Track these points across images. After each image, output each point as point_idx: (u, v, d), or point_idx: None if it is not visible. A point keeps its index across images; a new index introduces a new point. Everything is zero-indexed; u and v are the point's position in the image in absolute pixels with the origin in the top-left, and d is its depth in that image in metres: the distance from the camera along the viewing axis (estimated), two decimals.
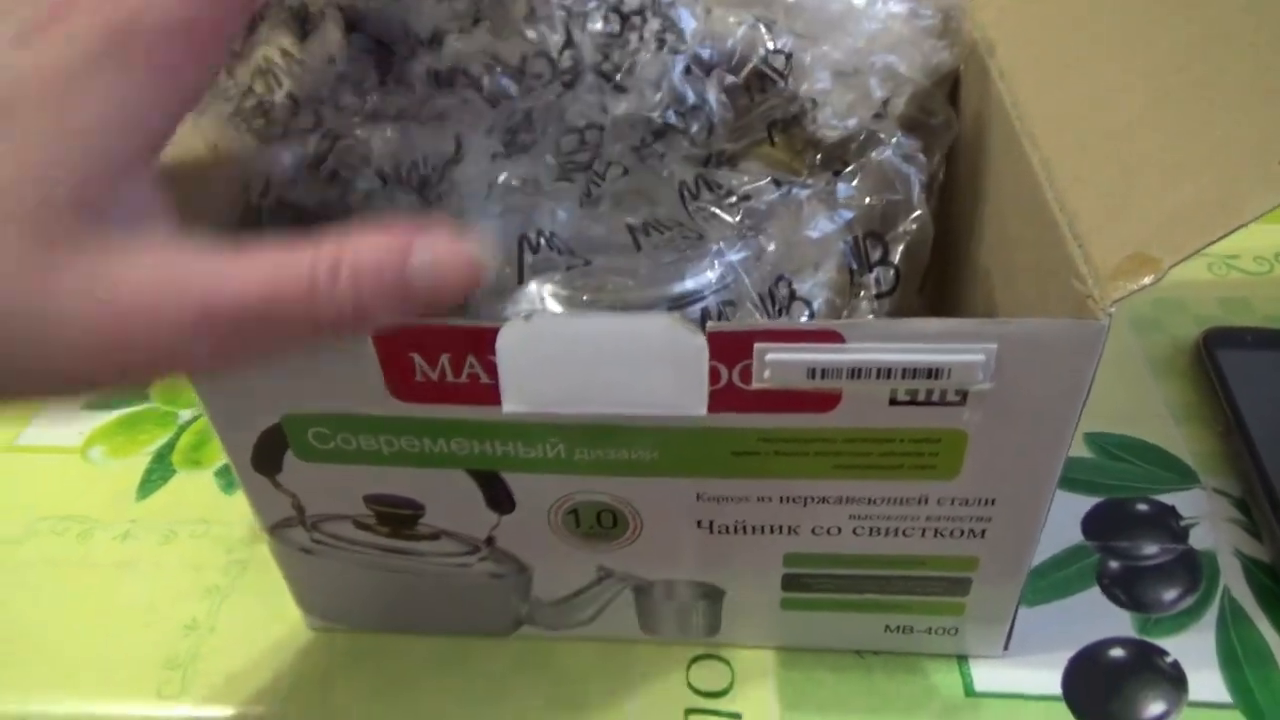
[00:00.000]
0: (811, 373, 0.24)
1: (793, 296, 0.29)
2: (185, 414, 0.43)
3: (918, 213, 0.29)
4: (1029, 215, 0.28)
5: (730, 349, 0.23)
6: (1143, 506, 0.36)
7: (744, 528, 0.28)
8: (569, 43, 0.27)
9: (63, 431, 0.42)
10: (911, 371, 0.23)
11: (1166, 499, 0.36)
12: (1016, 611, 0.30)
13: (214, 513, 0.38)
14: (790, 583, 0.30)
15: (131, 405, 0.44)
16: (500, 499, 0.28)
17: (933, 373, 0.23)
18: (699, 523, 0.28)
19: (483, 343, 0.24)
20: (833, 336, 0.23)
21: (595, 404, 0.23)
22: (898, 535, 0.28)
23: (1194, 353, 0.41)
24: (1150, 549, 0.35)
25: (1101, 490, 0.37)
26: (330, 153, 0.29)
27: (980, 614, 0.30)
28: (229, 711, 0.32)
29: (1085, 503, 0.36)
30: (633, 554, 0.29)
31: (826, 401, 0.25)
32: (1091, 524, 0.36)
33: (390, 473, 0.28)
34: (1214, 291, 0.45)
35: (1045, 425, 0.25)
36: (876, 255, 0.29)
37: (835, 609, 0.31)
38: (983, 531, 0.28)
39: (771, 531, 0.28)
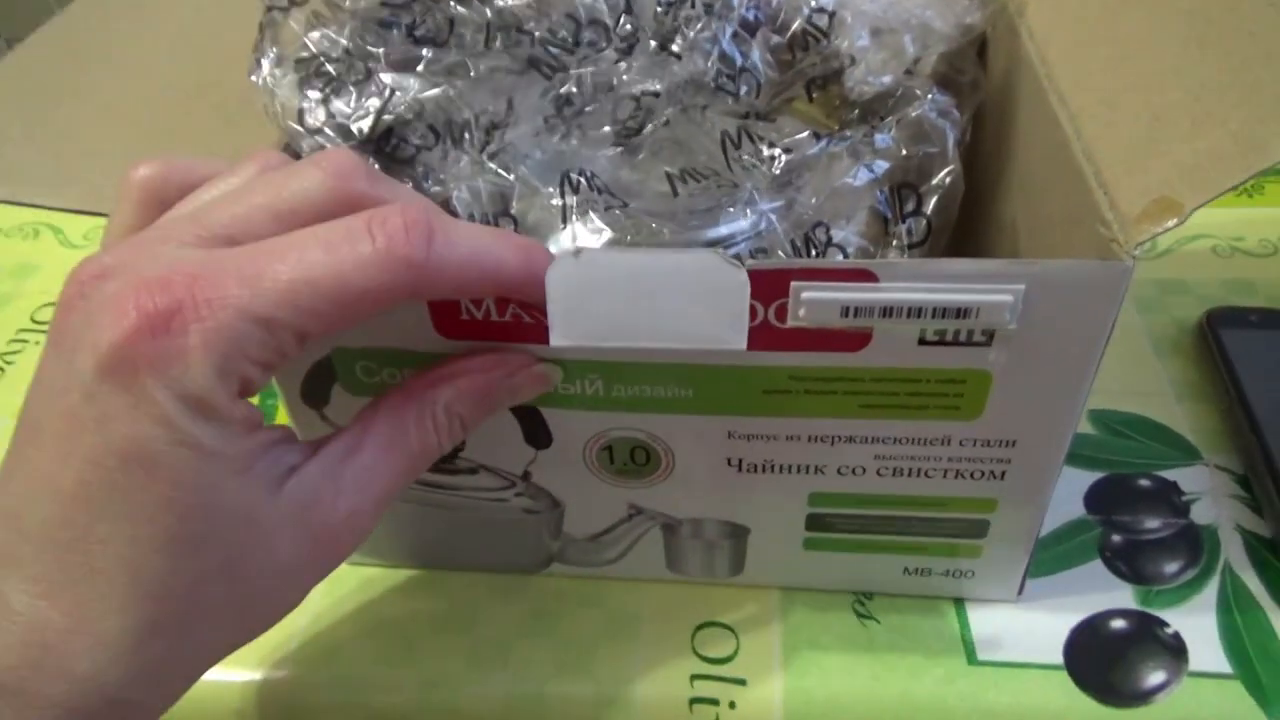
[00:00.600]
0: (845, 311, 0.25)
1: (829, 242, 0.30)
2: None
3: (951, 166, 0.30)
4: (1056, 167, 0.28)
5: (767, 286, 0.24)
6: (1145, 482, 0.37)
7: (772, 466, 0.29)
8: (628, 8, 0.28)
9: None
10: (941, 311, 0.24)
11: (1169, 475, 0.37)
12: (1032, 556, 0.32)
13: None
14: (814, 522, 0.31)
15: None
16: (538, 434, 0.29)
17: (961, 312, 0.24)
18: (728, 460, 0.29)
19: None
20: (867, 275, 0.24)
21: (641, 338, 0.24)
22: (920, 476, 0.29)
23: (1197, 332, 0.42)
24: (1152, 523, 0.35)
25: (1104, 466, 0.37)
26: (383, 110, 0.30)
27: (996, 557, 0.32)
28: None
29: (1088, 478, 0.37)
30: (663, 492, 0.30)
31: (857, 341, 0.26)
32: (1094, 499, 0.36)
33: None
34: (1218, 273, 0.45)
35: (1067, 367, 0.26)
36: (910, 206, 0.30)
37: (856, 550, 0.32)
38: (1003, 473, 0.29)
39: (798, 471, 0.29)
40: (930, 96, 0.31)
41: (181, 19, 0.35)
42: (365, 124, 0.30)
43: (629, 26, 0.29)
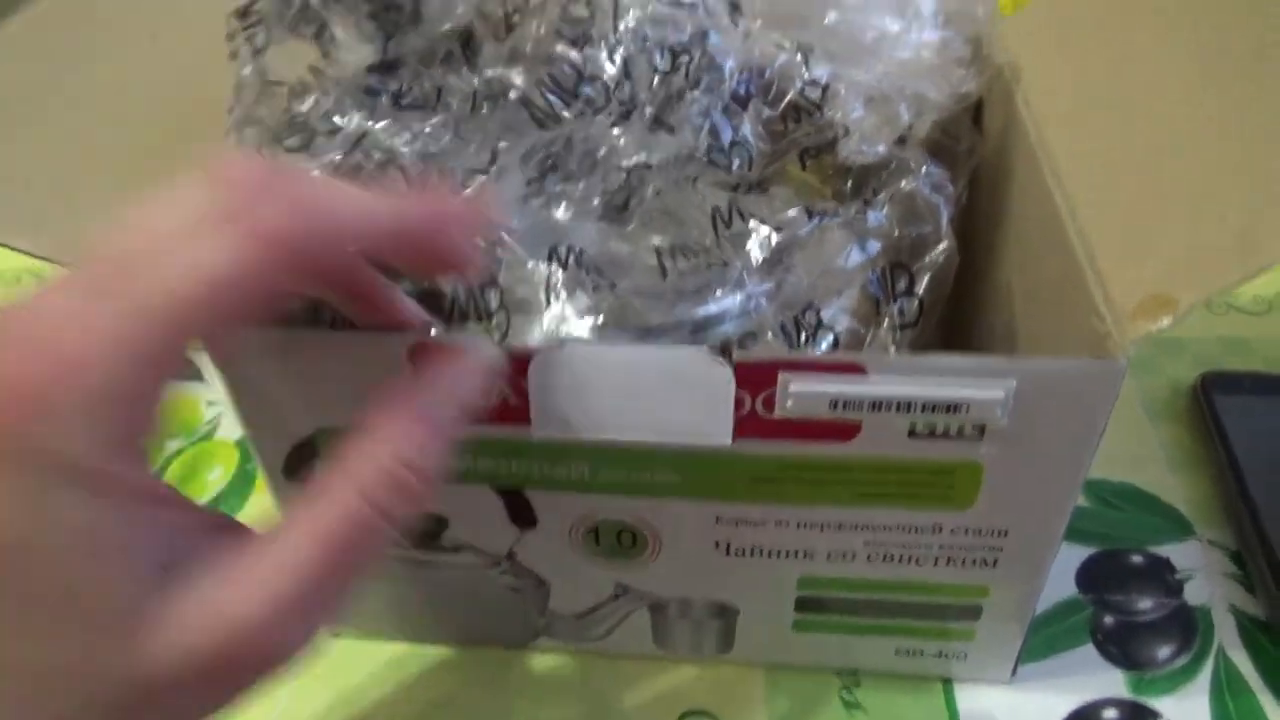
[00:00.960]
0: (834, 404, 0.24)
1: (819, 325, 0.29)
2: (172, 445, 0.43)
3: (944, 244, 0.30)
4: (1050, 245, 0.28)
5: (755, 378, 0.24)
6: (1137, 558, 0.36)
7: (760, 550, 0.29)
8: (627, 75, 0.28)
9: None
10: (931, 406, 0.24)
11: (1161, 551, 0.36)
12: (1026, 639, 0.31)
13: None
14: (803, 604, 0.30)
15: None
16: (523, 515, 0.29)
17: (952, 408, 0.24)
18: (716, 544, 0.29)
19: (515, 365, 0.24)
20: (855, 368, 0.24)
21: (624, 431, 0.23)
22: (911, 562, 0.29)
23: (1191, 396, 0.41)
24: (1144, 603, 0.34)
25: (1096, 540, 0.36)
26: (356, 150, 0.30)
27: (990, 639, 0.31)
28: None
29: (1080, 553, 0.36)
30: (650, 573, 0.30)
31: (846, 431, 0.25)
32: (1086, 576, 0.35)
33: None
34: (1213, 331, 0.44)
35: (1060, 460, 0.25)
36: (902, 286, 0.29)
37: (846, 631, 0.31)
38: (995, 560, 0.28)
39: (787, 555, 0.29)
40: (924, 170, 0.31)
41: (148, 41, 0.34)
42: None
43: (627, 92, 0.29)
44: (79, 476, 0.18)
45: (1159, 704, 0.32)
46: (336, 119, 0.30)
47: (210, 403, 0.46)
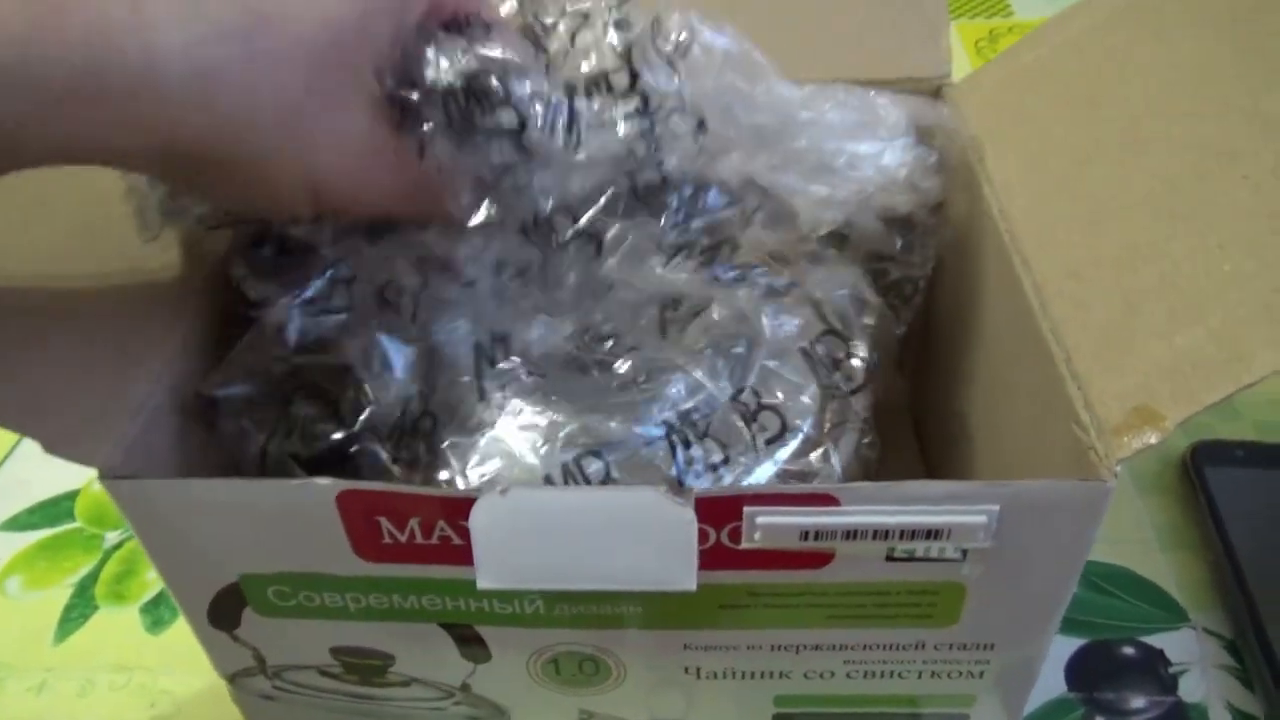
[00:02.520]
0: (805, 535, 0.22)
1: (760, 407, 0.27)
2: (111, 536, 0.40)
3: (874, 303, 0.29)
4: (1022, 338, 0.27)
5: (718, 512, 0.22)
6: (1129, 650, 0.34)
7: (733, 673, 0.27)
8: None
9: None
10: (910, 532, 0.22)
11: (1155, 641, 0.34)
12: None
13: (137, 657, 0.35)
14: None
15: (55, 526, 0.41)
16: (475, 651, 0.27)
17: (932, 533, 0.22)
18: (686, 669, 0.27)
19: (455, 510, 0.22)
20: (827, 500, 0.22)
21: (577, 580, 0.21)
22: (894, 677, 0.27)
23: (1181, 468, 0.39)
24: (1138, 701, 0.32)
25: (1086, 630, 0.34)
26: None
27: None
28: None
29: (1069, 645, 0.34)
30: (617, 698, 0.28)
31: (819, 559, 0.23)
32: (1075, 671, 0.33)
33: (357, 626, 0.26)
34: None
35: (1046, 576, 0.24)
36: (840, 354, 0.28)
37: None
38: (981, 673, 0.27)
39: (762, 676, 0.27)
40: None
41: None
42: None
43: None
44: None
45: None
46: None
47: None
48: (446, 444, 0.26)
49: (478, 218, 0.26)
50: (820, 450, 0.27)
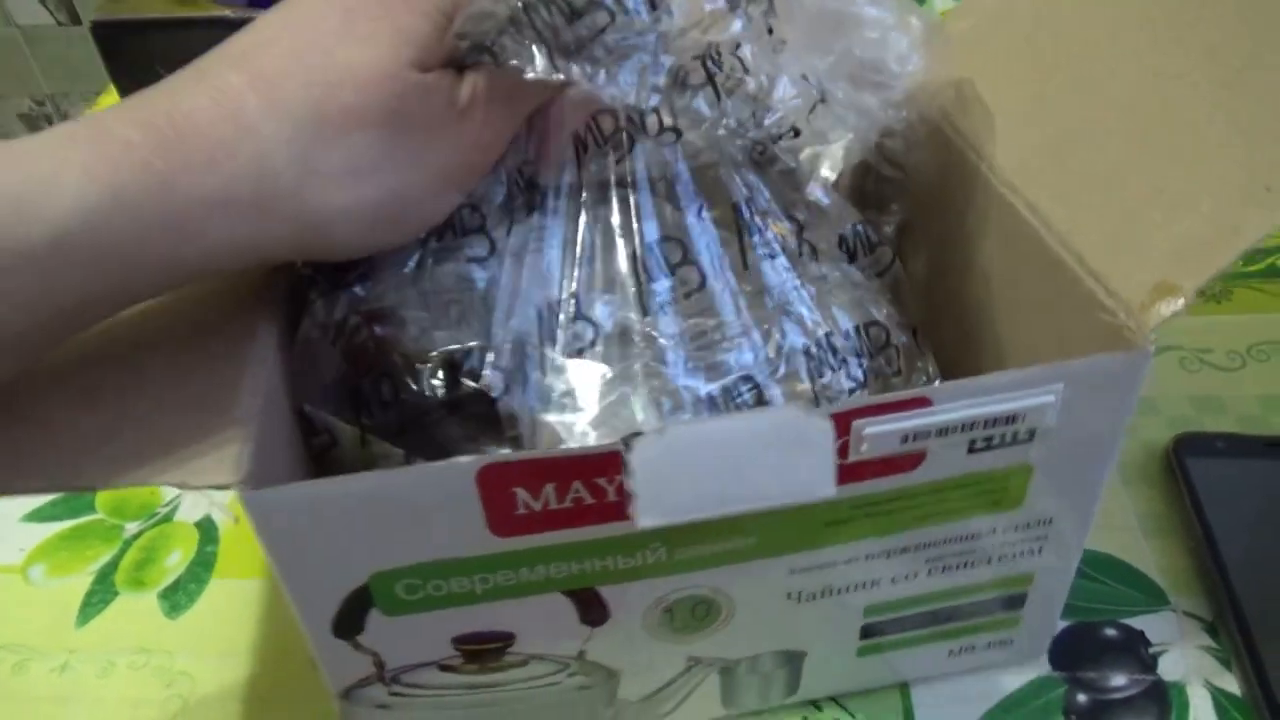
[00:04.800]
0: (905, 438, 0.25)
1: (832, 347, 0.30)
2: (131, 526, 0.42)
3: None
4: (1023, 256, 0.30)
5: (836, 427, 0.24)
6: (1111, 631, 0.35)
7: (830, 591, 0.29)
8: None
9: (3, 548, 0.41)
10: (991, 421, 0.25)
11: (1136, 623, 0.35)
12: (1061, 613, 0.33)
13: (155, 640, 0.38)
14: (868, 631, 0.31)
15: (77, 517, 0.43)
16: (595, 614, 0.28)
17: (1009, 419, 0.25)
18: (788, 595, 0.29)
19: (598, 467, 0.24)
20: (922, 402, 0.25)
21: (731, 504, 0.23)
22: (968, 567, 0.30)
23: (1164, 459, 0.40)
24: (1118, 680, 0.34)
25: (1069, 612, 0.35)
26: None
27: (1032, 622, 0.33)
28: None
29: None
30: (723, 639, 0.30)
31: (912, 461, 0.26)
32: (1059, 651, 0.35)
33: (480, 610, 0.27)
34: (1186, 389, 0.43)
35: (1097, 446, 0.27)
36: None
37: (906, 646, 0.32)
38: (1040, 549, 0.30)
39: (855, 589, 0.29)
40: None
41: None
42: None
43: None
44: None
45: None
46: None
47: None
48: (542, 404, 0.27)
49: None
50: None
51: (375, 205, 0.26)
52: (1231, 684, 0.33)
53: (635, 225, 0.29)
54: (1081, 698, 0.33)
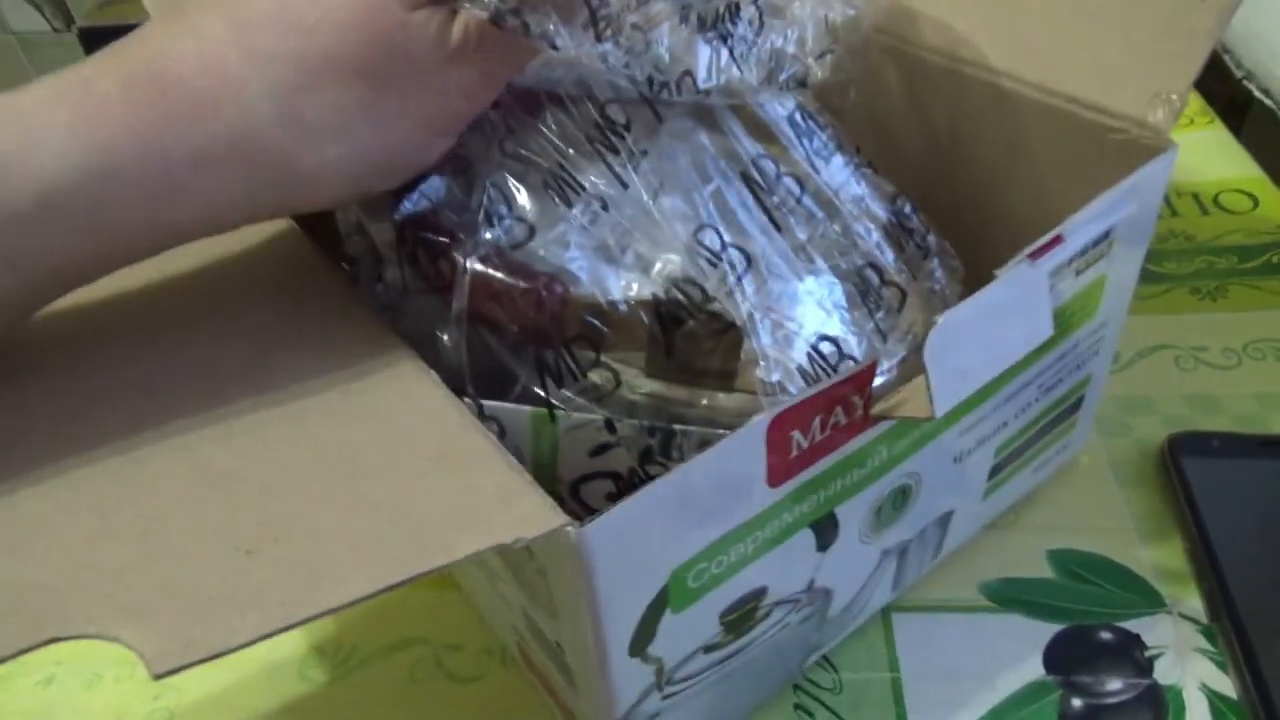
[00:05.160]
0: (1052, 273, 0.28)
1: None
2: None
3: None
4: (1017, 120, 0.34)
5: None
6: (1106, 635, 0.35)
7: (982, 442, 0.32)
8: None
9: None
10: (1095, 241, 0.29)
11: (1131, 625, 0.35)
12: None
13: None
14: (994, 472, 0.35)
15: None
16: (828, 535, 0.29)
17: (1105, 234, 0.30)
18: (955, 459, 0.32)
19: (854, 385, 0.25)
20: (1057, 240, 0.28)
21: (993, 369, 0.25)
22: (1061, 384, 0.34)
23: (1159, 459, 0.40)
24: (1114, 684, 0.33)
25: (1064, 616, 0.35)
26: None
27: (1082, 422, 0.38)
28: None
29: (1047, 630, 0.35)
30: (908, 522, 0.32)
31: None
32: (1053, 655, 0.34)
33: (742, 575, 0.27)
34: (1181, 388, 0.43)
35: (1137, 245, 0.33)
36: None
37: (1010, 476, 0.36)
38: (1098, 351, 0.35)
39: (994, 434, 0.33)
40: None
41: None
42: None
43: None
44: None
45: None
46: None
47: None
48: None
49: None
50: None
51: (362, 158, 0.26)
52: (1228, 687, 0.33)
53: (737, 148, 0.29)
54: (1077, 702, 0.33)
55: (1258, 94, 0.61)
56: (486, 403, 0.27)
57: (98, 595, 0.20)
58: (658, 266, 0.27)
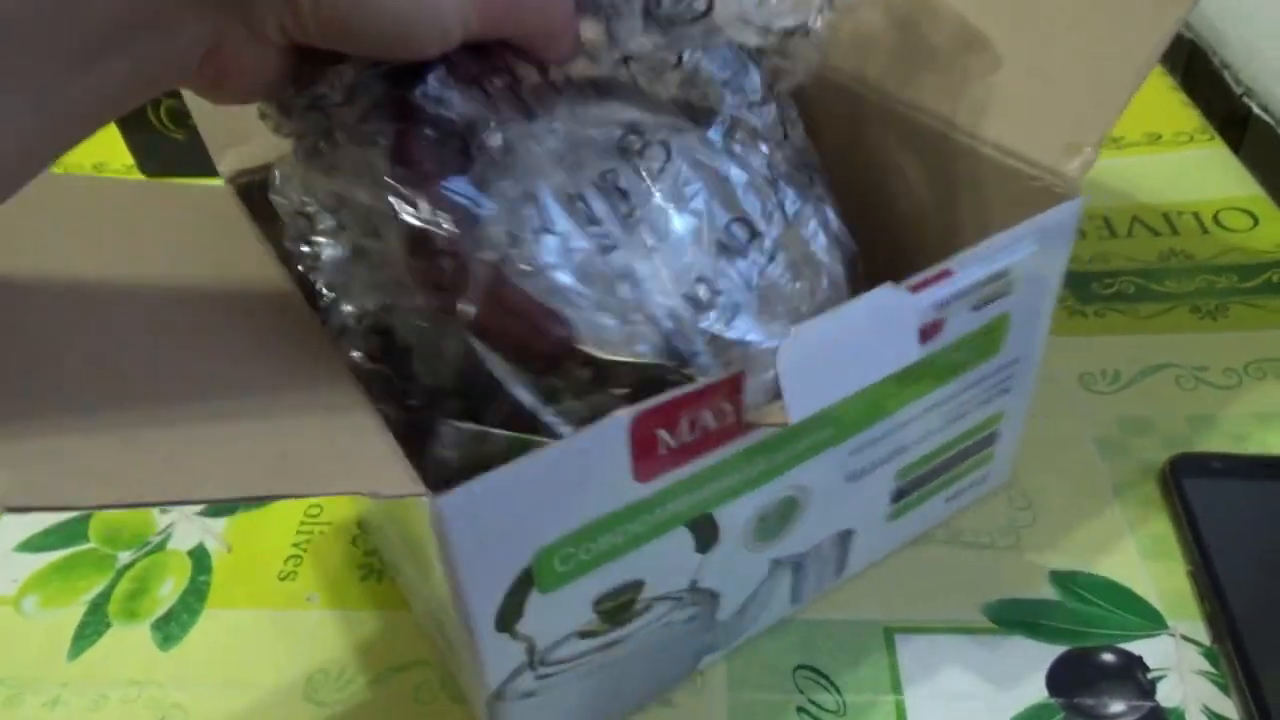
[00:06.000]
0: (939, 306, 0.30)
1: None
2: (124, 556, 0.42)
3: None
4: (940, 160, 0.36)
5: None
6: (1109, 656, 0.35)
7: (877, 463, 0.34)
8: None
9: None
10: (993, 277, 0.31)
11: (1134, 647, 0.35)
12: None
13: (147, 672, 0.38)
14: (897, 495, 0.36)
15: (70, 546, 0.43)
16: (707, 537, 0.30)
17: (1001, 274, 0.31)
18: (846, 477, 0.33)
19: (730, 388, 0.26)
20: (945, 274, 0.29)
21: (850, 385, 0.27)
22: (963, 417, 0.35)
23: (1161, 480, 0.40)
24: (1117, 706, 0.34)
25: (1066, 638, 0.36)
26: None
27: (999, 456, 0.39)
28: None
29: (1050, 653, 0.35)
30: (798, 535, 0.33)
31: (934, 329, 0.31)
32: (1056, 678, 0.35)
33: (616, 565, 0.28)
34: (1182, 408, 0.43)
35: (1046, 287, 0.34)
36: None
37: (919, 503, 0.37)
38: (1008, 388, 0.36)
39: (892, 457, 0.34)
40: None
41: None
42: None
43: None
44: None
45: None
46: None
47: (163, 511, 0.44)
48: None
49: None
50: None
51: None
52: (1230, 709, 0.33)
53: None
54: None
55: (1257, 110, 0.62)
56: (469, 427, 0.27)
57: None
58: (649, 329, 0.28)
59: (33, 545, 0.43)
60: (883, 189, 0.39)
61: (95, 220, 0.31)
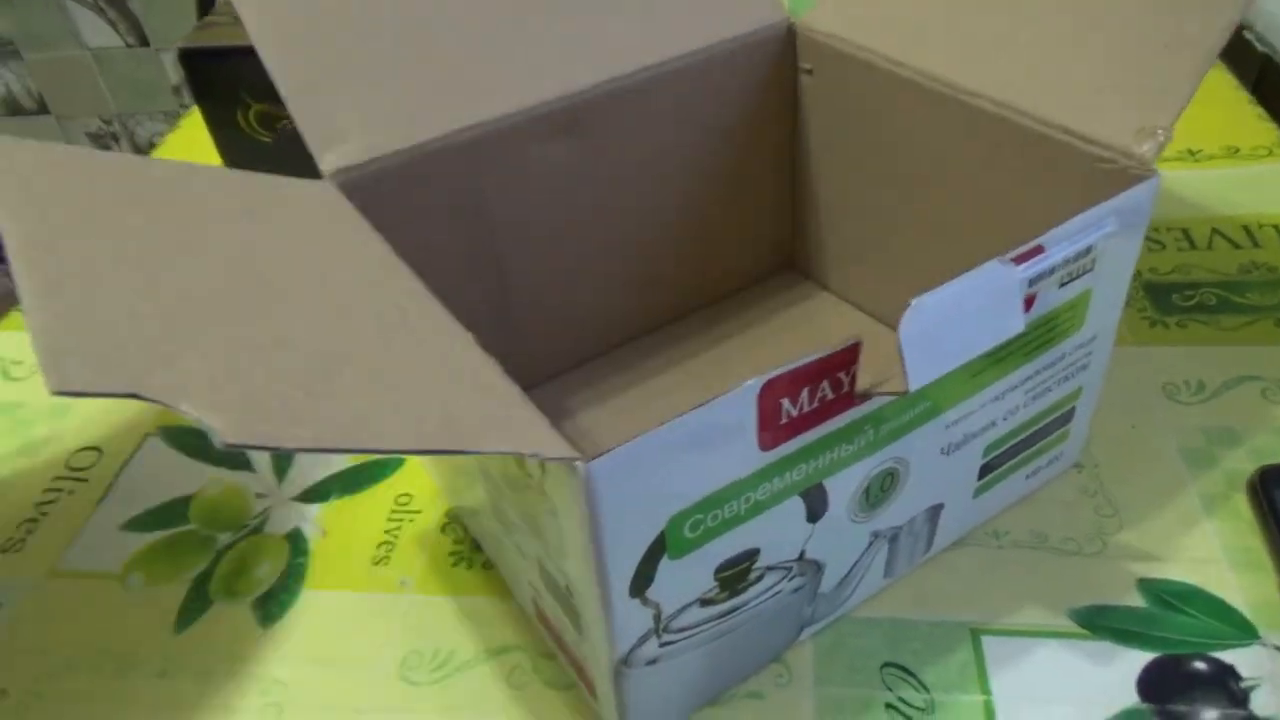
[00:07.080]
0: (1030, 282, 0.31)
1: None
2: (224, 537, 0.44)
3: None
4: (1000, 145, 0.38)
5: None
6: (1200, 665, 0.35)
7: (968, 438, 0.35)
8: None
9: (103, 556, 0.44)
10: (1078, 255, 0.32)
11: (1226, 656, 0.35)
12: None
13: (249, 648, 0.40)
14: (984, 471, 0.37)
15: (172, 527, 0.45)
16: (818, 508, 0.32)
17: (1086, 250, 0.33)
18: (942, 450, 0.34)
19: (838, 362, 0.28)
20: (1038, 250, 0.31)
21: (962, 356, 0.28)
22: (1048, 393, 0.37)
23: (1250, 490, 0.40)
24: (1210, 714, 0.33)
25: (1157, 645, 0.36)
26: None
27: (1074, 435, 0.41)
28: None
29: (1140, 659, 0.36)
30: (896, 507, 0.35)
31: (1028, 303, 0.32)
32: (1147, 684, 0.35)
33: (736, 533, 0.30)
34: (1268, 419, 0.44)
35: (1123, 266, 0.35)
36: None
37: (1000, 479, 0.39)
38: (1087, 365, 0.38)
39: (982, 432, 0.35)
40: None
41: None
42: None
43: None
44: None
45: None
46: None
47: (259, 495, 0.46)
48: None
49: None
50: None
51: None
52: None
53: None
54: None
55: None
56: None
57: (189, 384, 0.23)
58: None
59: (137, 524, 0.45)
60: (943, 178, 0.41)
61: (231, 209, 0.33)
